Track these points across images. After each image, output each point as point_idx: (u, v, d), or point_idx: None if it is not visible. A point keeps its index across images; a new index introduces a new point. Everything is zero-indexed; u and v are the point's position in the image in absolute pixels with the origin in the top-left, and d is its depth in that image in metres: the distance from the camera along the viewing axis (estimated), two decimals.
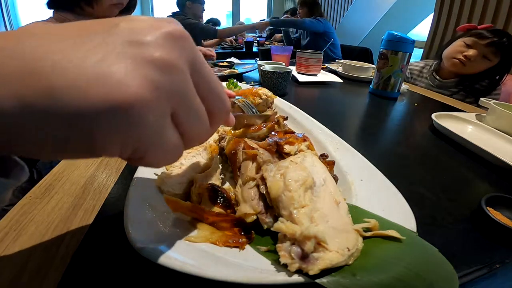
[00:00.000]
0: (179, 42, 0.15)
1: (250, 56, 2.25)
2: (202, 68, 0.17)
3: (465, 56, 0.97)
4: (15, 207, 0.30)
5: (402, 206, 0.28)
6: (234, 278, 0.19)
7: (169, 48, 0.14)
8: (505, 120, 0.58)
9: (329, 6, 4.09)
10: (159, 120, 0.14)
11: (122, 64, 0.13)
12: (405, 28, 3.03)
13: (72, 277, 0.22)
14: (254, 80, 0.98)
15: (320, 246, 0.20)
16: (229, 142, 0.34)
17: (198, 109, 0.17)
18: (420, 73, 1.21)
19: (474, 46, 0.96)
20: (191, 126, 0.16)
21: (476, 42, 0.96)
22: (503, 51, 0.93)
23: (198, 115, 0.17)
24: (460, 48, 0.99)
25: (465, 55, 0.97)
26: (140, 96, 0.13)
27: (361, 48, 2.42)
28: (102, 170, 0.38)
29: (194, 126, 0.17)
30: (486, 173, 0.43)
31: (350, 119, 0.69)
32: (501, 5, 1.62)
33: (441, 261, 0.21)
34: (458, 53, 0.99)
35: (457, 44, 1.02)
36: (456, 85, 1.07)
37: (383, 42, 0.83)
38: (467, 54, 0.96)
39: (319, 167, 0.29)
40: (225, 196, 0.29)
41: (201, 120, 0.17)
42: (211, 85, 0.17)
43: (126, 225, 0.23)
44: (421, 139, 0.56)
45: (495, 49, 0.93)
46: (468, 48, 0.98)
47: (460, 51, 0.99)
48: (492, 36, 0.93)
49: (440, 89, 1.10)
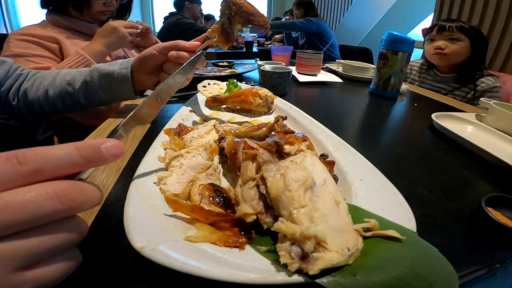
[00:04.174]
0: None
1: (250, 56, 2.25)
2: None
3: (436, 48, 1.09)
4: None
5: (402, 206, 0.28)
6: (234, 278, 0.19)
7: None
8: (505, 120, 0.58)
9: (329, 6, 4.09)
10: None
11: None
12: (405, 28, 3.03)
13: (72, 277, 0.22)
14: (254, 80, 0.98)
15: (320, 246, 0.20)
16: (229, 142, 0.34)
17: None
18: (420, 69, 1.23)
19: (435, 38, 1.12)
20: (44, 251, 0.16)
21: (432, 35, 1.13)
22: (460, 29, 1.05)
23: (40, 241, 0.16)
24: (428, 46, 1.14)
25: (435, 47, 1.10)
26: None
27: (361, 48, 2.42)
28: (102, 170, 0.38)
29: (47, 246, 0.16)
30: (486, 173, 0.43)
31: (350, 119, 0.69)
32: (501, 5, 1.62)
33: (441, 261, 0.21)
34: (431, 49, 1.12)
35: (425, 45, 1.18)
36: (455, 80, 1.11)
37: (383, 42, 0.83)
38: (436, 45, 1.09)
39: (319, 167, 0.29)
40: (225, 196, 0.29)
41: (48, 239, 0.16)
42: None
43: (126, 225, 0.23)
44: (421, 139, 0.56)
45: (448, 31, 1.06)
46: (432, 42, 1.13)
47: (431, 47, 1.13)
48: (436, 24, 1.11)
49: (441, 83, 1.15)
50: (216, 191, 0.29)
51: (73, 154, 0.17)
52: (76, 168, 0.18)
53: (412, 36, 1.01)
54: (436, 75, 1.16)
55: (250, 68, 1.10)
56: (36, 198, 0.15)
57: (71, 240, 0.17)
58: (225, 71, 1.00)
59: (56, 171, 0.17)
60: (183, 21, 2.04)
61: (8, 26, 3.09)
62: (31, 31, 0.80)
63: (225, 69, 1.05)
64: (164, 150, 0.37)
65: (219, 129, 0.42)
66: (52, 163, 0.16)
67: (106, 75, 0.54)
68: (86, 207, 0.17)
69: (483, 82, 1.04)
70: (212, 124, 0.45)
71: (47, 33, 0.81)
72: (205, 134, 0.42)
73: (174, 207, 0.26)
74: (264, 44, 2.97)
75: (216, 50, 2.64)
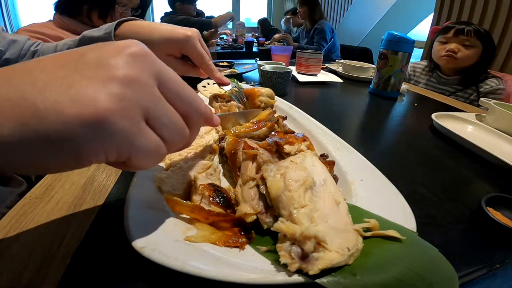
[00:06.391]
0: (140, 59, 0.17)
1: (250, 56, 2.25)
2: (168, 78, 0.19)
3: (448, 50, 1.04)
4: (15, 207, 0.30)
5: (402, 206, 0.28)
6: (234, 278, 0.19)
7: (132, 66, 0.17)
8: (505, 120, 0.58)
9: (329, 6, 4.09)
10: (132, 124, 0.16)
11: (91, 86, 0.15)
12: (405, 28, 3.03)
13: (72, 277, 0.22)
14: (254, 80, 0.98)
15: (320, 246, 0.20)
16: (229, 142, 0.34)
17: (169, 113, 0.19)
18: (423, 71, 1.23)
19: (449, 40, 1.05)
20: (167, 129, 0.19)
21: (446, 37, 1.06)
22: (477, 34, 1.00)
23: (171, 119, 0.19)
24: (440, 47, 1.08)
25: (448, 50, 1.04)
26: (108, 108, 0.15)
27: (361, 48, 2.42)
28: (102, 170, 0.38)
29: (170, 129, 0.19)
30: (486, 173, 0.43)
31: (350, 119, 0.69)
32: (501, 5, 1.62)
33: (441, 261, 0.21)
34: (441, 50, 1.07)
35: (435, 46, 1.12)
36: (459, 82, 1.09)
37: (383, 42, 0.83)
38: (449, 48, 1.04)
39: (319, 167, 0.29)
40: (225, 196, 0.29)
41: (175, 123, 0.19)
42: (180, 92, 0.20)
43: (126, 225, 0.23)
44: (421, 139, 0.56)
45: (465, 36, 1.01)
46: (445, 44, 1.06)
47: (442, 49, 1.07)
48: (454, 25, 1.04)
49: (444, 85, 1.13)
50: (216, 191, 0.29)
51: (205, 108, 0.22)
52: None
53: (412, 36, 1.01)
54: (440, 77, 1.14)
55: (250, 68, 1.10)
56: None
57: (182, 133, 0.20)
58: (225, 71, 1.00)
59: (191, 112, 0.21)
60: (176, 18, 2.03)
61: (8, 26, 3.09)
62: (38, 28, 0.80)
63: (225, 69, 1.04)
64: None
65: (218, 129, 0.42)
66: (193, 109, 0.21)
67: (91, 40, 0.51)
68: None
69: (486, 84, 1.03)
70: None
71: (54, 32, 0.82)
72: (205, 134, 0.42)
73: (174, 207, 0.26)
74: (264, 44, 2.97)
75: (216, 50, 2.64)
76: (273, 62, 0.99)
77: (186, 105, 0.20)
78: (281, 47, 1.18)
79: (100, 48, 0.17)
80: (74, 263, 0.23)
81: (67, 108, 0.14)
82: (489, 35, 1.02)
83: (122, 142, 0.16)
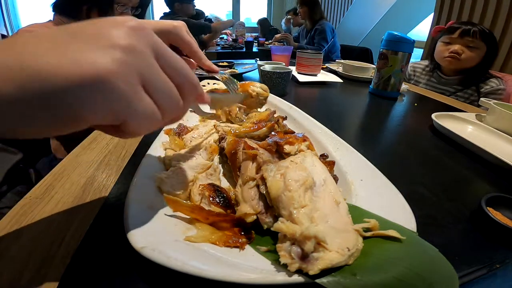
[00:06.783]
0: (139, 32, 0.18)
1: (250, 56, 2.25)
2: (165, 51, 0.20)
3: (452, 52, 1.01)
4: (15, 207, 0.30)
5: (402, 206, 0.28)
6: (234, 278, 0.19)
7: (132, 37, 0.18)
8: (505, 120, 0.58)
9: (329, 6, 4.09)
10: (130, 88, 0.17)
11: (93, 51, 0.16)
12: (405, 28, 3.02)
13: (72, 277, 0.22)
14: (254, 80, 0.98)
15: (320, 246, 0.20)
16: (229, 142, 0.34)
17: (164, 81, 0.20)
18: (423, 71, 1.22)
19: (453, 41, 1.02)
20: (162, 95, 0.19)
21: (451, 37, 1.03)
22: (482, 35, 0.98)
23: (167, 87, 0.20)
24: (443, 48, 1.05)
25: (451, 51, 1.02)
26: (109, 69, 0.16)
27: (361, 48, 2.42)
28: (102, 170, 0.38)
29: (165, 96, 0.20)
30: (486, 173, 0.43)
31: (350, 119, 0.69)
32: (501, 5, 1.62)
33: (441, 261, 0.21)
34: (445, 51, 1.04)
35: (438, 46, 1.08)
36: (460, 82, 1.09)
37: (383, 42, 0.83)
38: (453, 49, 1.01)
39: (319, 167, 0.29)
40: (225, 196, 0.29)
41: (170, 91, 0.20)
42: (175, 64, 0.21)
43: (126, 225, 0.23)
44: (421, 139, 0.56)
45: (471, 37, 0.98)
46: (448, 45, 1.03)
47: (445, 49, 1.04)
48: (459, 25, 1.01)
49: (445, 86, 1.13)
50: (216, 191, 0.29)
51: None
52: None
53: (412, 36, 1.01)
54: (440, 78, 1.13)
55: (250, 68, 1.10)
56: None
57: (176, 101, 0.21)
58: (225, 71, 1.00)
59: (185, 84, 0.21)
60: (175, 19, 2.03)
61: (8, 26, 3.09)
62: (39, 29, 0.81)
63: (225, 69, 1.05)
64: (164, 150, 0.37)
65: (219, 129, 0.42)
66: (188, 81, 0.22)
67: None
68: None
69: (487, 84, 1.03)
70: (212, 124, 0.45)
71: None
72: (205, 134, 0.42)
73: (174, 207, 0.26)
74: (264, 44, 2.97)
75: (216, 50, 2.64)
76: (273, 62, 0.99)
77: (181, 76, 0.21)
78: (281, 47, 1.18)
79: (101, 21, 0.18)
80: (74, 263, 0.23)
81: (68, 68, 0.15)
82: (493, 36, 1.01)
83: (120, 103, 0.17)
